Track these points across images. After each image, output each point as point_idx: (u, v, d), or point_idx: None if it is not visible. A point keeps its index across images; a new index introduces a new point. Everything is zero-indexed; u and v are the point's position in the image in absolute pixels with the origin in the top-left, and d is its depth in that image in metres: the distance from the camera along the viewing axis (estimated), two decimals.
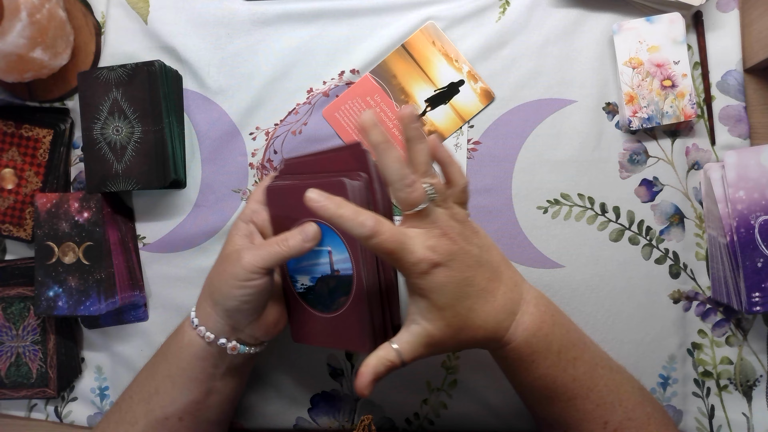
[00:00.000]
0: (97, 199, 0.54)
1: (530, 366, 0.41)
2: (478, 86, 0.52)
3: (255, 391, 0.57)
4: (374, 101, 0.53)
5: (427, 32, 0.53)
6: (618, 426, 0.41)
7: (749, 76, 0.54)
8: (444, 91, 0.53)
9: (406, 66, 0.54)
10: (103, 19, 0.58)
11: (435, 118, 0.54)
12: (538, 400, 0.43)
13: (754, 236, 0.49)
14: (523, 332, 0.40)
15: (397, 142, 0.53)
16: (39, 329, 0.57)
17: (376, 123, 0.37)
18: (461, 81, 0.53)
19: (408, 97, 0.54)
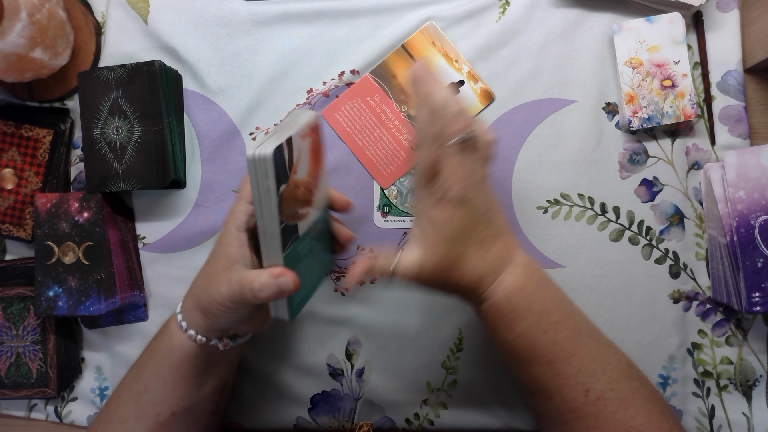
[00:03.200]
0: (97, 199, 0.54)
1: (509, 324, 0.41)
2: (478, 87, 0.52)
3: (255, 391, 0.57)
4: (374, 101, 0.53)
5: (427, 33, 0.53)
6: (600, 395, 0.41)
7: (749, 76, 0.54)
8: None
9: (406, 66, 0.53)
10: (103, 19, 0.58)
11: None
12: (519, 363, 0.43)
13: (754, 236, 0.49)
14: (503, 290, 0.41)
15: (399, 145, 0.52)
16: (39, 329, 0.57)
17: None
18: (461, 81, 0.52)
19: (408, 97, 0.53)
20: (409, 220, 0.55)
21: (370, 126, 0.52)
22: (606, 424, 0.41)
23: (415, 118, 0.41)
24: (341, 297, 0.56)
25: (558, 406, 0.42)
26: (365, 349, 0.56)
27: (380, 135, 0.52)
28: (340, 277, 0.56)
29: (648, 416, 0.41)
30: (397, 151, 0.53)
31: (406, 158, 0.52)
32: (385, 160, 0.52)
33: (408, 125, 0.52)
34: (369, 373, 0.56)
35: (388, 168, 0.52)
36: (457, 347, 0.56)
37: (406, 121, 0.52)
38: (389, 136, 0.52)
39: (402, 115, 0.52)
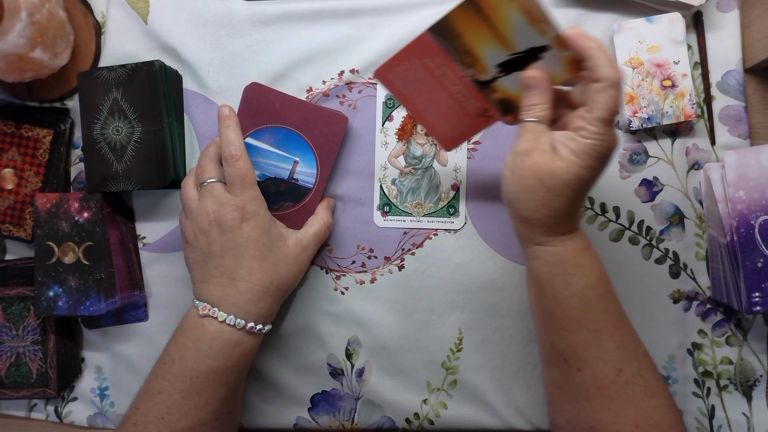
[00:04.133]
0: (97, 199, 0.54)
1: (571, 279, 0.41)
2: (565, 53, 0.41)
3: (255, 391, 0.57)
4: (434, 64, 0.44)
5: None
6: (630, 378, 0.41)
7: (749, 76, 0.54)
8: (522, 56, 0.42)
9: (475, 24, 0.41)
10: (103, 19, 0.58)
11: (508, 85, 0.44)
12: (563, 324, 0.42)
13: (754, 236, 0.49)
14: (573, 243, 0.41)
15: (464, 111, 0.46)
16: (39, 329, 0.57)
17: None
18: (544, 47, 0.41)
19: (475, 60, 0.43)
20: (410, 219, 0.55)
21: (430, 90, 0.45)
22: (628, 409, 0.41)
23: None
24: (341, 296, 0.56)
25: (586, 379, 0.42)
26: (365, 349, 0.56)
27: (442, 100, 0.45)
28: (340, 276, 0.56)
29: (668, 413, 0.42)
30: (460, 118, 0.46)
31: (471, 124, 0.46)
32: (447, 125, 0.47)
33: (474, 91, 0.44)
34: (369, 373, 0.56)
35: (452, 132, 0.47)
36: (457, 347, 0.56)
37: (472, 87, 0.44)
38: (452, 102, 0.45)
39: (467, 80, 0.44)
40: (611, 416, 0.41)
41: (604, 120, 0.38)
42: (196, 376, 0.45)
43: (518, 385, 0.55)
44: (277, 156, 0.53)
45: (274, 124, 0.53)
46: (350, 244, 0.56)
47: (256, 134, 0.53)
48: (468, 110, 0.45)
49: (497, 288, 0.55)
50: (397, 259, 0.55)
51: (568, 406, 0.44)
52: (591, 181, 0.40)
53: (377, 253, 0.56)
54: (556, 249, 0.41)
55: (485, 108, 0.45)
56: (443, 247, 0.55)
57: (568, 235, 0.41)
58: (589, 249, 0.42)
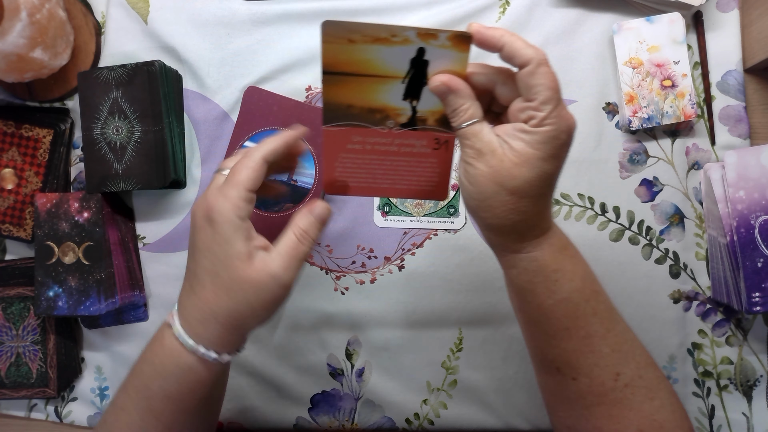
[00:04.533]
0: (97, 199, 0.54)
1: (553, 286, 0.37)
2: (443, 40, 0.37)
3: (255, 391, 0.57)
4: (358, 143, 0.41)
5: (333, 35, 0.37)
6: (629, 381, 0.38)
7: (749, 76, 0.54)
8: (412, 74, 0.39)
9: (350, 86, 0.38)
10: (103, 19, 0.58)
11: (429, 105, 0.40)
12: (552, 334, 0.39)
13: (754, 236, 0.49)
14: (549, 246, 0.38)
15: (421, 157, 0.42)
16: (39, 329, 0.57)
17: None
18: (420, 49, 0.37)
19: (382, 111, 0.40)
20: (410, 219, 0.55)
21: (379, 165, 0.42)
22: (629, 414, 0.38)
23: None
24: (341, 297, 0.56)
25: (582, 387, 0.39)
26: (365, 349, 0.56)
27: (397, 164, 0.42)
28: (340, 276, 0.56)
29: (672, 412, 0.40)
30: (425, 164, 0.42)
31: (439, 161, 0.42)
32: (421, 179, 0.43)
33: (410, 134, 0.41)
34: (369, 373, 0.56)
35: (431, 182, 0.43)
36: (457, 347, 0.56)
37: (406, 133, 0.40)
38: (405, 158, 0.42)
39: (396, 131, 0.40)
40: (612, 423, 0.39)
41: (552, 100, 0.33)
42: (151, 397, 0.39)
43: (518, 385, 0.55)
44: None
45: (272, 126, 0.53)
46: (350, 245, 0.56)
47: (254, 137, 0.53)
48: (424, 153, 0.41)
49: (497, 288, 0.55)
50: (397, 259, 0.55)
51: (564, 413, 0.41)
52: (556, 173, 0.36)
53: (377, 253, 0.56)
54: (533, 255, 0.37)
55: (434, 138, 0.41)
56: (443, 247, 0.55)
57: (543, 237, 0.38)
58: (568, 248, 0.39)
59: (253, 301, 0.37)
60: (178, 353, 0.38)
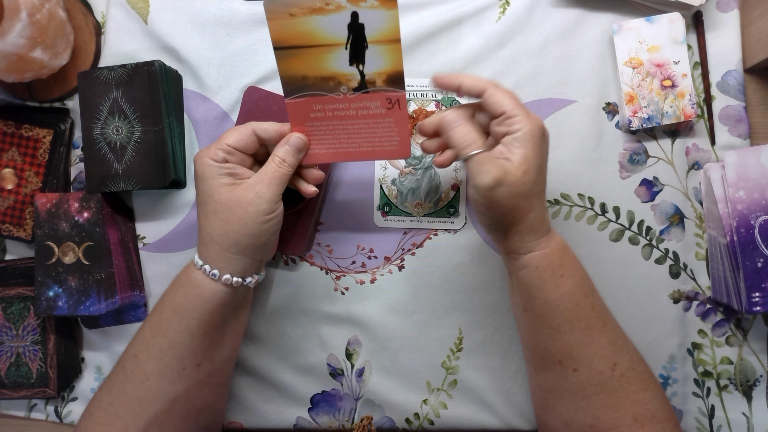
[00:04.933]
0: (97, 199, 0.54)
1: (559, 281, 0.42)
2: (371, 0, 0.39)
3: (255, 391, 0.57)
4: (320, 110, 0.44)
5: (276, 12, 0.39)
6: (624, 372, 0.42)
7: (749, 76, 0.54)
8: (352, 40, 0.41)
9: (300, 58, 0.41)
10: (103, 19, 0.58)
11: (375, 67, 0.42)
12: (556, 327, 0.43)
13: (754, 236, 0.49)
14: (555, 244, 0.43)
15: (378, 118, 0.45)
16: (39, 329, 0.57)
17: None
18: (354, 13, 0.39)
19: (334, 78, 0.42)
20: (409, 219, 0.55)
21: (343, 130, 0.45)
22: (625, 403, 0.42)
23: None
24: (341, 297, 0.56)
25: (582, 378, 0.42)
26: (365, 349, 0.56)
27: (359, 127, 0.45)
28: (340, 276, 0.56)
29: (662, 402, 0.43)
30: (383, 124, 0.45)
31: (396, 120, 0.44)
32: (383, 139, 0.45)
33: (364, 97, 0.43)
34: (369, 373, 0.56)
35: (393, 141, 0.45)
36: (457, 347, 0.56)
37: (359, 96, 0.43)
38: (364, 119, 0.44)
39: (350, 95, 0.43)
40: (610, 412, 0.42)
41: (516, 106, 0.40)
42: (161, 312, 0.45)
43: (518, 385, 0.55)
44: None
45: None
46: (350, 245, 0.56)
47: None
48: (380, 114, 0.44)
49: (497, 288, 0.55)
50: (397, 259, 0.55)
51: (563, 408, 0.44)
52: (546, 164, 0.42)
53: (377, 253, 0.56)
54: (544, 252, 0.42)
55: (386, 98, 0.43)
56: (443, 247, 0.55)
57: (548, 235, 0.43)
58: (568, 248, 0.44)
59: (241, 216, 0.42)
60: (189, 269, 0.45)
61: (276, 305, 0.56)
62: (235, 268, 0.44)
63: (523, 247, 0.42)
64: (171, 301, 0.46)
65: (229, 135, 0.44)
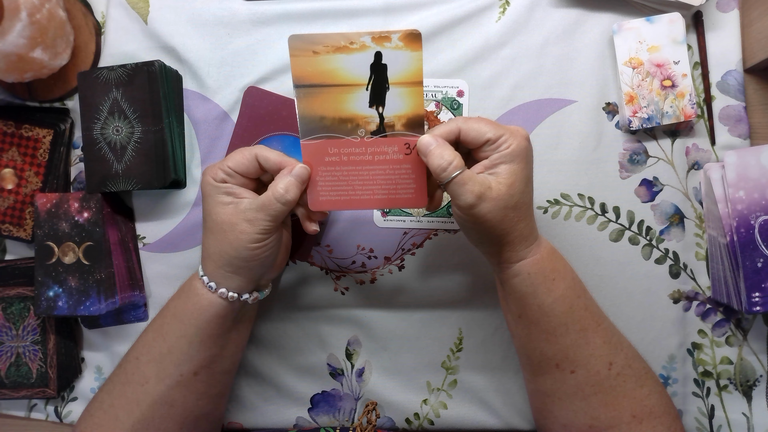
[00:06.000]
0: (97, 199, 0.54)
1: (551, 285, 0.42)
2: (396, 40, 0.39)
3: (255, 391, 0.57)
4: (335, 154, 0.43)
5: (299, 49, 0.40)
6: (620, 370, 0.43)
7: (749, 76, 0.54)
8: (374, 80, 0.41)
9: (320, 97, 0.41)
10: (103, 19, 0.58)
11: (395, 110, 0.41)
12: (551, 330, 0.43)
13: (754, 236, 0.49)
14: (545, 250, 0.43)
15: (395, 164, 0.44)
16: (39, 329, 0.57)
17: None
18: (377, 53, 0.40)
19: (352, 120, 0.41)
20: (409, 219, 0.55)
21: (356, 176, 0.43)
22: (623, 401, 0.42)
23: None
24: (341, 297, 0.56)
25: (580, 379, 0.43)
26: (365, 349, 0.56)
27: (374, 173, 0.43)
28: (340, 276, 0.56)
29: (659, 398, 0.44)
30: (401, 171, 0.43)
31: (414, 166, 0.43)
32: (399, 187, 0.44)
33: (383, 141, 0.42)
34: (369, 373, 0.56)
35: (409, 189, 0.44)
36: (457, 347, 0.56)
37: (377, 141, 0.42)
38: (381, 166, 0.43)
39: (368, 140, 0.42)
40: (609, 411, 0.42)
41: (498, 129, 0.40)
42: (163, 315, 0.46)
43: (518, 385, 0.55)
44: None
45: (281, 131, 0.53)
46: (350, 245, 0.56)
47: (264, 142, 0.53)
48: (397, 159, 0.43)
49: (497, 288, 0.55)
50: (397, 259, 0.55)
51: (562, 411, 0.44)
52: (532, 173, 0.42)
53: (377, 253, 0.56)
54: (535, 258, 0.42)
55: (405, 143, 0.42)
56: (443, 247, 0.55)
57: (537, 242, 0.43)
58: (556, 252, 0.44)
59: (233, 241, 0.42)
60: (192, 278, 0.46)
61: (276, 305, 0.56)
62: (230, 285, 0.44)
63: (515, 256, 0.42)
64: (173, 306, 0.46)
65: (232, 157, 0.43)
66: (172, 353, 0.45)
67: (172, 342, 0.45)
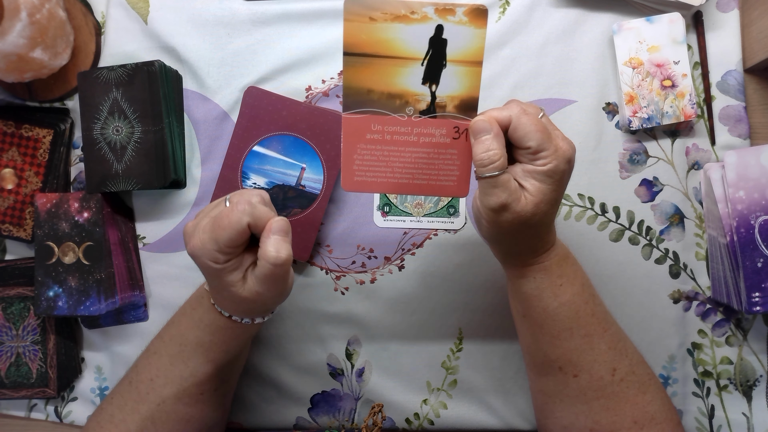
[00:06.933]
0: (97, 199, 0.54)
1: (558, 290, 0.42)
2: (460, 14, 0.36)
3: (255, 391, 0.57)
4: (378, 132, 0.40)
5: (355, 13, 0.36)
6: (624, 376, 0.43)
7: (749, 76, 0.54)
8: (431, 55, 0.38)
9: (369, 70, 0.38)
10: (103, 19, 0.58)
11: (449, 89, 0.38)
12: (556, 334, 0.42)
13: (754, 236, 0.49)
14: (556, 255, 0.42)
15: (441, 148, 0.41)
16: (39, 329, 0.57)
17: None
18: (439, 26, 0.37)
19: (402, 97, 0.39)
20: (410, 219, 0.55)
21: (398, 158, 0.40)
22: (625, 407, 0.42)
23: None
24: (341, 297, 0.56)
25: (583, 384, 0.43)
26: (365, 349, 0.56)
27: (417, 156, 0.40)
28: (340, 276, 0.56)
29: (662, 404, 0.43)
30: (445, 156, 0.40)
31: (460, 152, 0.40)
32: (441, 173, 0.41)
33: (432, 122, 0.39)
34: (369, 373, 0.56)
35: (451, 176, 0.41)
36: (457, 347, 0.56)
37: (426, 121, 0.39)
38: (425, 149, 0.40)
39: (415, 119, 0.39)
40: (610, 416, 0.42)
41: (543, 141, 0.36)
42: (184, 344, 0.45)
43: (518, 385, 0.55)
44: (285, 163, 0.53)
45: (281, 131, 0.53)
46: (350, 245, 0.56)
47: (263, 142, 0.53)
48: (444, 143, 0.40)
49: (497, 288, 0.55)
50: (397, 259, 0.55)
51: (563, 412, 0.44)
52: (562, 196, 0.39)
53: (377, 253, 0.56)
54: (542, 265, 0.42)
55: (454, 127, 0.40)
56: (443, 247, 0.55)
57: (551, 249, 0.42)
58: (569, 257, 0.44)
59: (251, 309, 0.43)
60: (216, 313, 0.44)
61: None
62: (252, 316, 0.44)
63: (521, 261, 0.42)
64: (196, 338, 0.45)
65: (221, 233, 0.38)
66: (196, 376, 0.45)
67: (196, 367, 0.45)
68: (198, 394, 0.45)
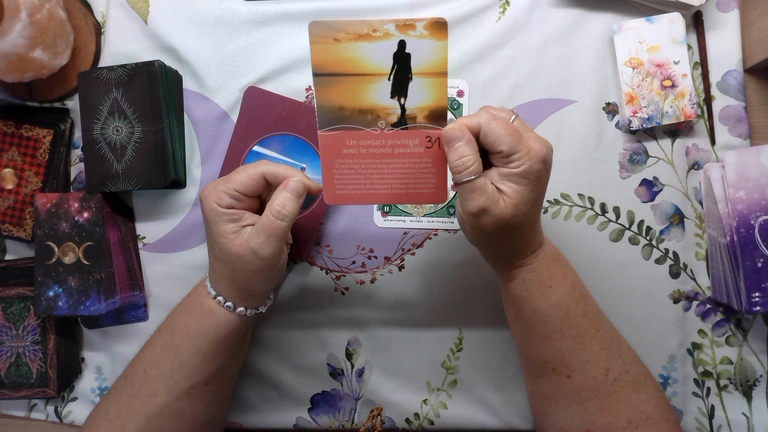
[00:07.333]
0: (97, 199, 0.54)
1: (548, 291, 0.42)
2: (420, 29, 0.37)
3: (255, 391, 0.57)
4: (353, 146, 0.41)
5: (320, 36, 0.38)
6: (617, 376, 0.43)
7: (749, 76, 0.54)
8: (396, 70, 0.39)
9: (339, 87, 0.39)
10: (103, 19, 0.58)
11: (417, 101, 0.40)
12: (547, 335, 0.43)
13: (754, 236, 0.49)
14: (543, 257, 0.42)
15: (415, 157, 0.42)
16: (39, 329, 0.57)
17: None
18: (401, 42, 0.38)
19: (372, 112, 0.40)
20: (409, 219, 0.55)
21: (375, 169, 0.42)
22: (620, 406, 0.42)
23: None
24: (341, 297, 0.56)
25: (576, 384, 0.43)
26: (365, 349, 0.56)
27: (393, 167, 0.42)
28: (340, 276, 0.56)
29: (657, 404, 0.43)
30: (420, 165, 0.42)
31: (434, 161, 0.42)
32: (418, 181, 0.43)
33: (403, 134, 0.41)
34: (369, 373, 0.56)
35: (428, 184, 0.43)
36: (457, 347, 0.56)
37: (398, 133, 0.41)
38: (400, 159, 0.42)
39: (388, 132, 0.41)
40: (605, 416, 0.42)
41: (514, 144, 0.37)
42: (174, 332, 0.46)
43: (518, 385, 0.55)
44: (285, 163, 0.53)
45: (281, 131, 0.53)
46: (350, 245, 0.56)
47: (263, 142, 0.53)
48: (418, 153, 0.41)
49: (497, 288, 0.55)
50: (397, 259, 0.55)
51: (559, 413, 0.44)
52: (543, 195, 0.40)
53: (377, 253, 0.56)
54: (531, 267, 0.42)
55: (426, 136, 0.41)
56: (443, 247, 0.55)
57: (538, 250, 0.43)
58: (559, 258, 0.44)
59: (240, 268, 0.43)
60: (204, 297, 0.45)
61: (276, 305, 0.56)
62: (248, 303, 0.46)
63: (508, 264, 0.43)
64: (184, 323, 0.46)
65: (237, 178, 0.42)
66: (184, 368, 0.45)
67: (185, 357, 0.45)
68: (188, 388, 0.45)
